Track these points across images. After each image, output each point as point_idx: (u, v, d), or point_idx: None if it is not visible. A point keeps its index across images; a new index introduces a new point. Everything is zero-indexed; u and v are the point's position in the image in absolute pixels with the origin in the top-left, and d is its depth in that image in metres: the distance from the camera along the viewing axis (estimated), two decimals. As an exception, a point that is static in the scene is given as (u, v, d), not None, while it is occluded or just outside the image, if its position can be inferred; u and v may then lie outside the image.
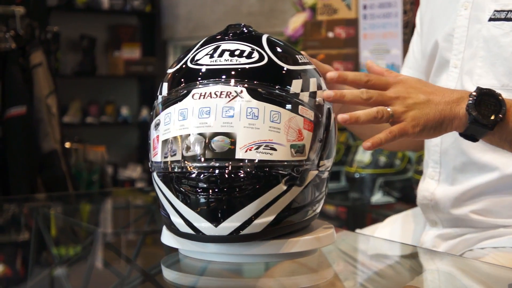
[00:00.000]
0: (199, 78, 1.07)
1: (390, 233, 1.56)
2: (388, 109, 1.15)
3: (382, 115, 1.14)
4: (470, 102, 1.16)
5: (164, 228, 1.14)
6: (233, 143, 1.02)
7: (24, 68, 3.23)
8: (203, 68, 1.08)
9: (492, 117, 1.16)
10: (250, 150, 1.02)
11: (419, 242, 1.49)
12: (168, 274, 1.16)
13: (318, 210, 1.15)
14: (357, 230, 1.62)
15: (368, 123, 1.14)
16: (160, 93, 1.12)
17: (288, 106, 1.06)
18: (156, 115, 1.11)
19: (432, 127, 1.16)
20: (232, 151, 1.02)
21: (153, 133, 1.11)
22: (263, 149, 1.03)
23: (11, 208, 2.02)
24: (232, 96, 1.04)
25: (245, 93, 1.05)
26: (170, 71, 1.14)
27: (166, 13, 6.18)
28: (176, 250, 1.14)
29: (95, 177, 3.85)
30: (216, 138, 1.03)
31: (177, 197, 1.05)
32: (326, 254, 1.20)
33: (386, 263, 1.33)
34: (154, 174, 1.10)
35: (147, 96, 6.23)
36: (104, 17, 6.17)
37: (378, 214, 2.79)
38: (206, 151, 1.03)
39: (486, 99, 1.17)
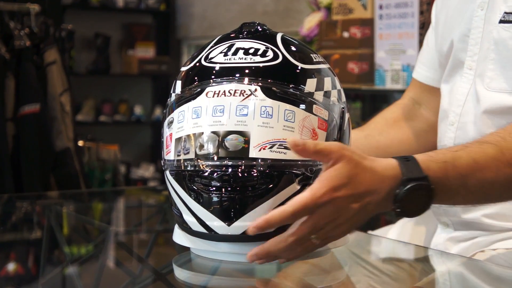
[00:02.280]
0: (213, 76, 1.07)
1: (402, 235, 1.55)
2: (312, 239, 1.00)
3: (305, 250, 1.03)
4: (396, 205, 1.02)
5: (176, 227, 1.13)
6: (247, 141, 1.02)
7: (38, 66, 3.24)
8: (217, 66, 1.07)
9: (420, 212, 1.05)
10: (264, 149, 1.02)
11: (431, 244, 1.48)
12: (180, 273, 1.16)
13: (332, 210, 1.13)
14: (370, 232, 1.61)
15: None
16: (174, 91, 1.12)
17: (302, 105, 1.05)
18: (170, 113, 1.10)
19: (361, 224, 1.04)
20: (245, 149, 1.01)
21: (166, 131, 1.10)
22: (277, 148, 1.02)
23: (23, 206, 2.02)
24: (246, 94, 1.04)
25: (259, 92, 1.04)
26: (183, 69, 1.13)
27: (181, 12, 6.19)
28: (188, 249, 1.14)
29: (108, 176, 3.85)
30: (229, 137, 1.02)
31: (190, 195, 1.05)
32: (339, 255, 1.19)
33: (398, 264, 1.32)
34: (167, 172, 1.09)
35: (160, 95, 6.24)
36: (119, 16, 6.18)
37: (392, 216, 2.78)
38: (219, 150, 1.02)
39: (415, 194, 1.02)
